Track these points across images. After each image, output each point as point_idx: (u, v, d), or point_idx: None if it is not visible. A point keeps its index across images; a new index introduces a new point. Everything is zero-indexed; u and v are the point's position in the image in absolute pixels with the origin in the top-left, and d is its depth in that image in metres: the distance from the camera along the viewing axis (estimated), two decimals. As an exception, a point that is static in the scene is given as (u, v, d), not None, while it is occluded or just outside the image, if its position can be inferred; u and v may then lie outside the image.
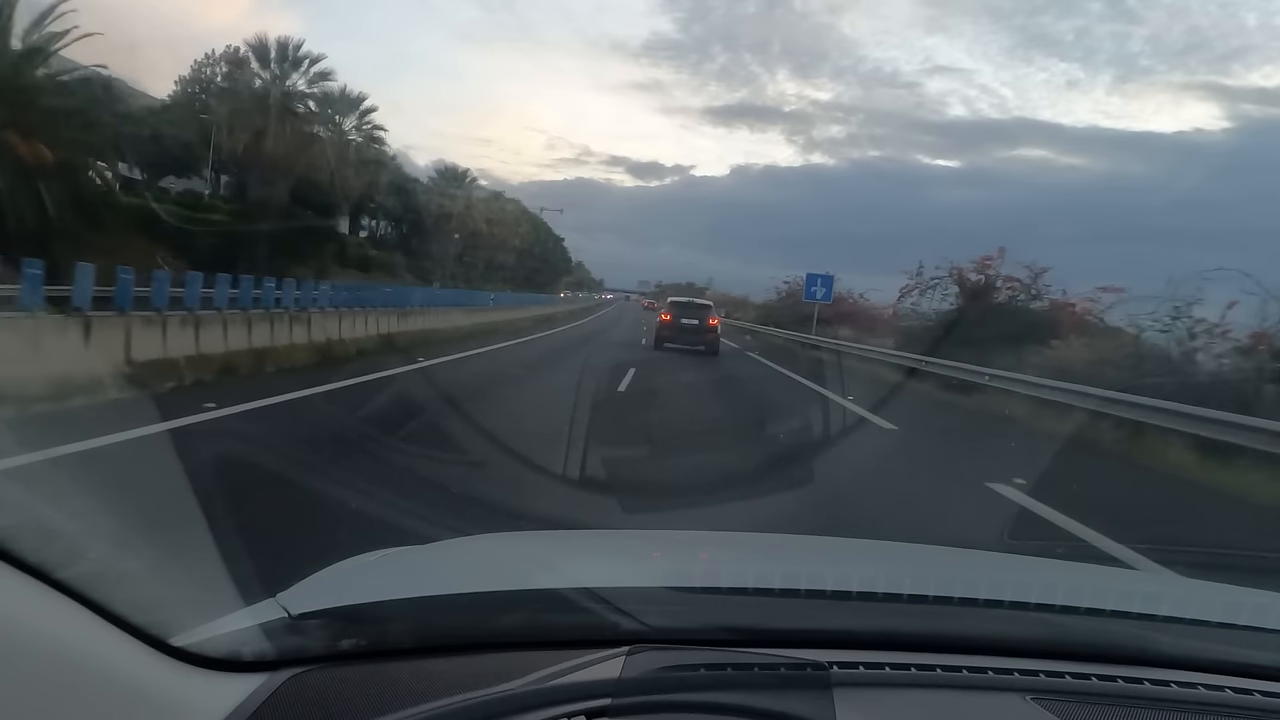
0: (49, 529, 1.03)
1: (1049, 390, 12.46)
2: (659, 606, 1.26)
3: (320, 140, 33.27)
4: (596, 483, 5.93)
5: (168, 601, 1.10)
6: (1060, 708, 1.07)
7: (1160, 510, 7.82)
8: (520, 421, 8.73)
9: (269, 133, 31.01)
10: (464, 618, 1.23)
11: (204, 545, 2.59)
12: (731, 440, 9.36)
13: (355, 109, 37.96)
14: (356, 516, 4.27)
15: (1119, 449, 10.30)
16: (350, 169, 35.52)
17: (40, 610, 0.87)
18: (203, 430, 6.56)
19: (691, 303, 24.48)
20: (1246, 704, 1.14)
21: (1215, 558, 4.69)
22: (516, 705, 0.98)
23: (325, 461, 5.96)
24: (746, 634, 1.20)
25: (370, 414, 8.57)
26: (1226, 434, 8.81)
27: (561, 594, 1.26)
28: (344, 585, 1.47)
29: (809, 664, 1.11)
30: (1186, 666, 1.21)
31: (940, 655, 1.19)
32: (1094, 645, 1.25)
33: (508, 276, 60.55)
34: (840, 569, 1.70)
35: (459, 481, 5.50)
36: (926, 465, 8.96)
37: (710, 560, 1.91)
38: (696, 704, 1.01)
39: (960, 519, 6.19)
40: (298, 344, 12.85)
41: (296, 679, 1.05)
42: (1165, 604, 1.46)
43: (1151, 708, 1.11)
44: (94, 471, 4.95)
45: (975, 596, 1.39)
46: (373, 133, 39.30)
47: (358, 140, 38.42)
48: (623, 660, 1.09)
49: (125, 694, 0.91)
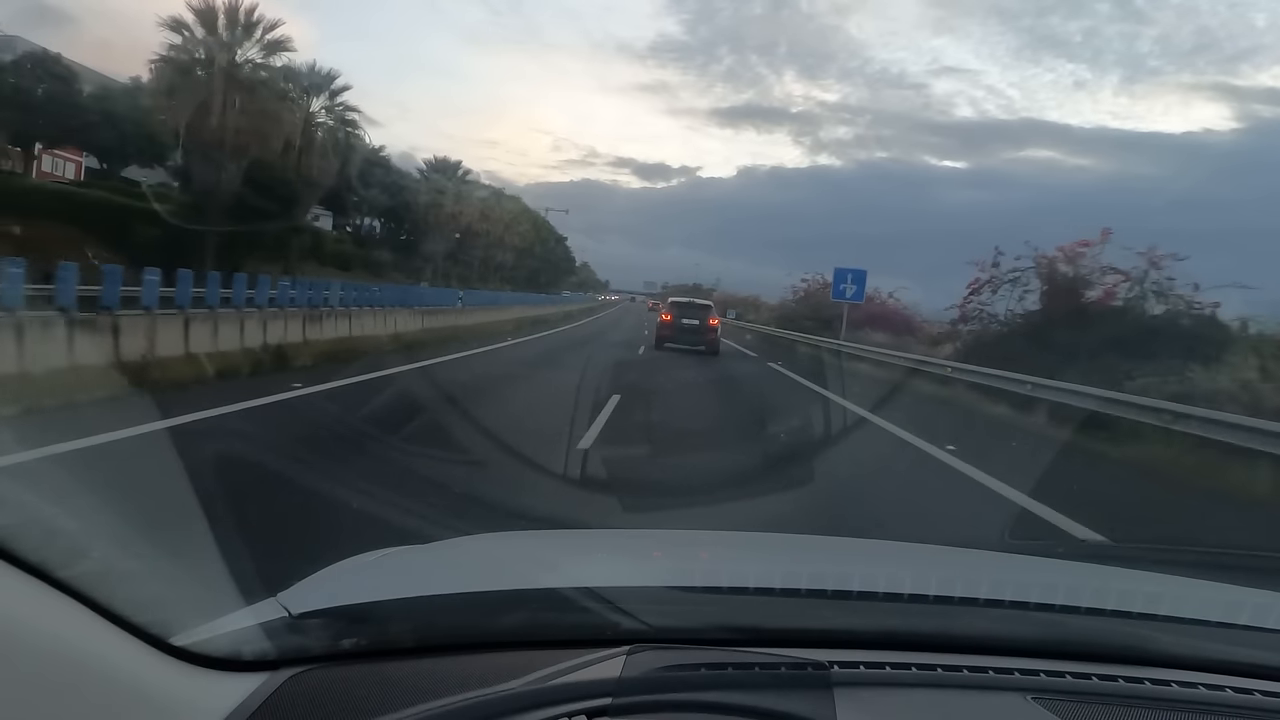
0: (50, 527, 1.03)
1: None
2: (660, 606, 1.26)
3: (279, 120, 28.42)
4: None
5: (168, 600, 1.10)
6: (1061, 707, 1.07)
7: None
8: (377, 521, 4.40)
9: (214, 108, 26.53)
10: (464, 617, 1.24)
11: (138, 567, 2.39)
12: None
13: (325, 88, 33.44)
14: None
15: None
16: (318, 154, 31.50)
17: (41, 610, 0.87)
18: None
19: (692, 303, 24.39)
20: (1247, 704, 1.14)
21: (1215, 557, 4.67)
22: (517, 705, 0.98)
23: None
24: (747, 633, 1.20)
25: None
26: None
27: (562, 593, 1.26)
28: (344, 585, 1.47)
29: (810, 663, 1.11)
30: (1187, 666, 1.21)
31: (941, 655, 1.19)
32: (1094, 645, 1.25)
33: (507, 276, 59.32)
34: (841, 568, 1.70)
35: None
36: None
37: (711, 560, 1.91)
38: (697, 703, 1.01)
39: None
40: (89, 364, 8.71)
41: (297, 678, 1.05)
42: (1165, 604, 1.46)
43: (1152, 707, 1.11)
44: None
45: (976, 596, 1.39)
46: (345, 114, 34.44)
47: (329, 123, 33.67)
48: (623, 660, 1.09)
49: (126, 693, 0.91)
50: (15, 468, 4.99)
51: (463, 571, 1.59)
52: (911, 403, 12.84)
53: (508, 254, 57.82)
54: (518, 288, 58.27)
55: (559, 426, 8.62)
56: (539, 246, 67.53)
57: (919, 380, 16.48)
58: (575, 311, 55.93)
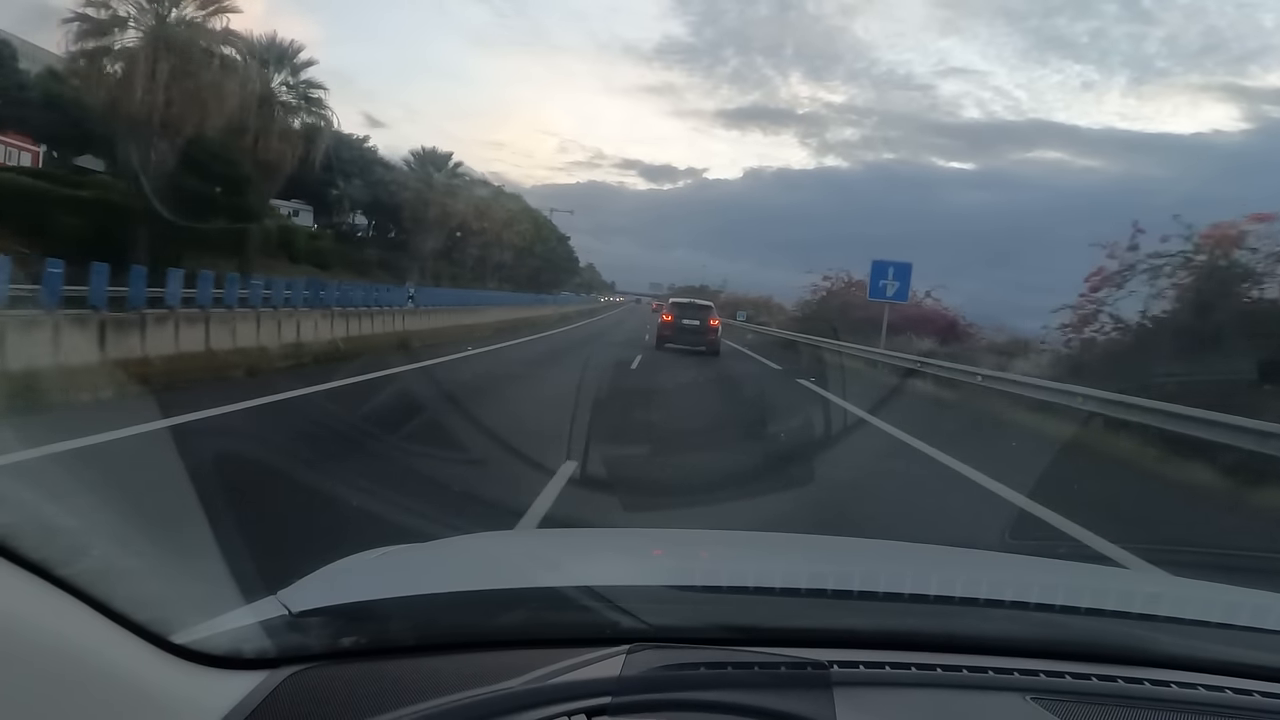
0: (50, 525, 1.03)
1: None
2: (659, 605, 1.26)
3: (221, 92, 23.59)
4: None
5: (168, 599, 1.10)
6: (1060, 708, 1.07)
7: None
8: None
9: (140, 77, 22.10)
10: (464, 616, 1.24)
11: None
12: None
13: (286, 62, 29.34)
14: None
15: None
16: (277, 136, 27.37)
17: (41, 608, 0.87)
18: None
19: (693, 304, 24.33)
20: (1246, 704, 1.14)
21: (1216, 558, 4.66)
22: (516, 703, 0.98)
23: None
24: (747, 633, 1.20)
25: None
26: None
27: (562, 592, 1.26)
28: (344, 583, 1.47)
29: (809, 663, 1.11)
30: (1186, 667, 1.21)
31: (941, 655, 1.19)
32: (1094, 645, 1.25)
33: (507, 276, 58.32)
34: (841, 568, 1.70)
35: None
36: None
37: (711, 559, 1.91)
38: (697, 703, 1.01)
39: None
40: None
41: (297, 676, 1.05)
42: (1165, 604, 1.46)
43: (1151, 708, 1.11)
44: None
45: (976, 596, 1.39)
46: (309, 93, 29.69)
47: (292, 101, 29.27)
48: (623, 659, 1.09)
49: (126, 691, 0.91)
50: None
51: (462, 570, 1.60)
52: (1067, 466, 8.44)
53: (505, 253, 56.48)
54: (519, 288, 57.50)
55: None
56: (539, 246, 66.28)
57: (1021, 412, 12.14)
58: (573, 314, 51.28)
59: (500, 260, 56.63)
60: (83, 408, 7.72)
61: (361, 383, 11.46)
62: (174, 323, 11.18)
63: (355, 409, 9.44)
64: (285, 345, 13.50)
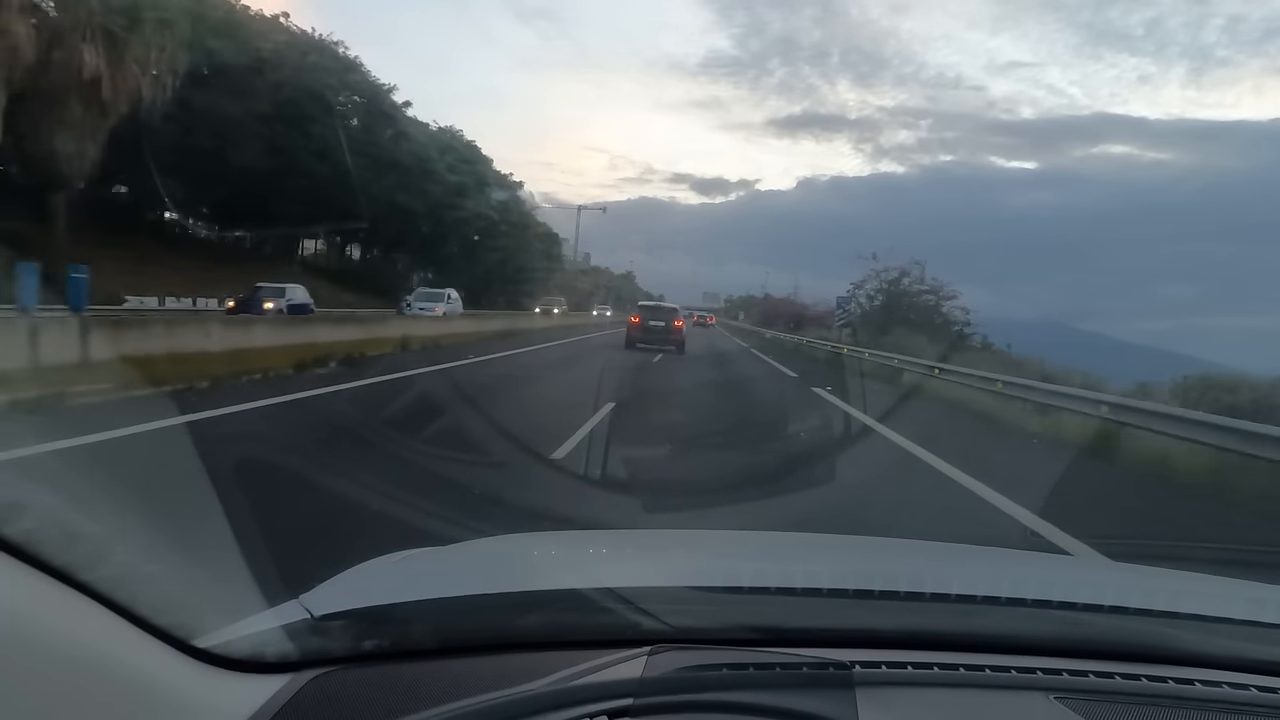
0: (73, 531, 1.03)
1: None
2: (681, 606, 1.26)
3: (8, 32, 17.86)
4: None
5: (191, 603, 1.11)
6: (1084, 707, 1.06)
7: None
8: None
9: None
10: (486, 618, 1.24)
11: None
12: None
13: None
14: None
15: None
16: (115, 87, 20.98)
17: (65, 613, 0.88)
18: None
19: (659, 307, 28.48)
20: (1272, 702, 1.13)
21: (1237, 554, 4.62)
22: (538, 705, 0.98)
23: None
24: (769, 633, 1.19)
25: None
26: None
27: (583, 594, 1.26)
28: (366, 586, 1.48)
29: (831, 663, 1.10)
30: (1210, 664, 1.20)
31: (963, 654, 1.18)
32: (1118, 644, 1.24)
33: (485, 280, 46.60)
34: (863, 568, 1.70)
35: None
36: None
37: (732, 559, 1.91)
38: (719, 704, 1.01)
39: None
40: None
41: (319, 680, 1.05)
42: (1189, 601, 1.44)
43: (1176, 706, 1.10)
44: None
45: (998, 595, 1.38)
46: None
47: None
48: (644, 660, 1.09)
49: (150, 695, 0.92)
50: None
51: (483, 572, 1.60)
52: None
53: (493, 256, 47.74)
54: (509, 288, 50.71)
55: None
56: (507, 241, 51.18)
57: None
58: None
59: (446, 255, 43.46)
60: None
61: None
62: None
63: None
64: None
